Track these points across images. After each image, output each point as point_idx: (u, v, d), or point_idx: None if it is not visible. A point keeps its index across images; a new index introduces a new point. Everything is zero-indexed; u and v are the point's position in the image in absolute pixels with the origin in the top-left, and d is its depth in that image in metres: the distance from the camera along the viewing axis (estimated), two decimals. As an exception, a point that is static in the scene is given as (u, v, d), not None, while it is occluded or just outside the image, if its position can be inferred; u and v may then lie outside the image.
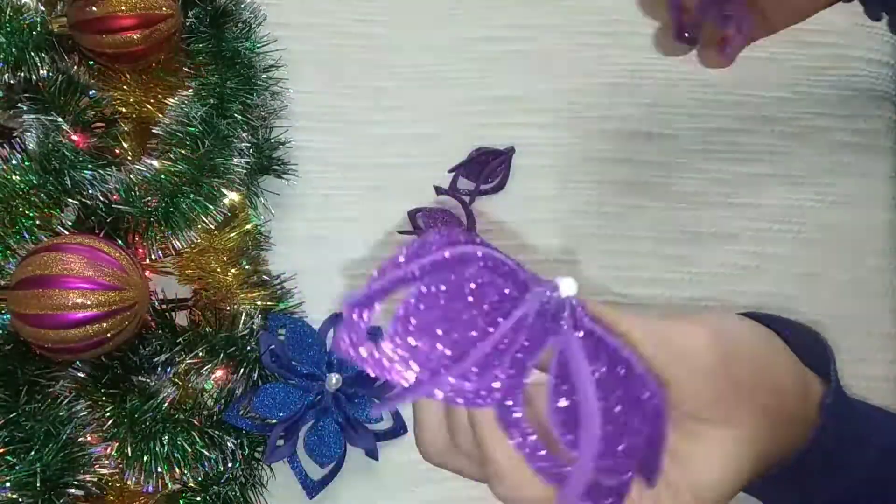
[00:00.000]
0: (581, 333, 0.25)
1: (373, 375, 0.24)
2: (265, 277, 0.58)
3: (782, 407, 0.33)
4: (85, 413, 0.51)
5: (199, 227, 0.56)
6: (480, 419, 0.28)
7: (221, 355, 0.54)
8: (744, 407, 0.30)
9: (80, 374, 0.52)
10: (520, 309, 0.24)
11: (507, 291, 0.25)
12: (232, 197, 0.57)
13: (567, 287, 0.25)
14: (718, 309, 0.38)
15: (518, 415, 0.26)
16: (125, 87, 0.61)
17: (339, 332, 0.23)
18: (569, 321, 0.25)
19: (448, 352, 0.24)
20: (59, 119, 0.56)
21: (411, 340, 0.23)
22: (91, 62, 0.61)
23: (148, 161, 0.56)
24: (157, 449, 0.51)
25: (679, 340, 0.30)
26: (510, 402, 0.25)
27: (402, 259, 0.24)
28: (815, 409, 0.35)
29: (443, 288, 0.24)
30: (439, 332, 0.24)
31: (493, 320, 0.25)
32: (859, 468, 0.37)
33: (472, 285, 0.24)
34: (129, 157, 0.59)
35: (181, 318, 0.56)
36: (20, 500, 0.48)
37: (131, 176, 0.55)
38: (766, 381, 0.32)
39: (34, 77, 0.58)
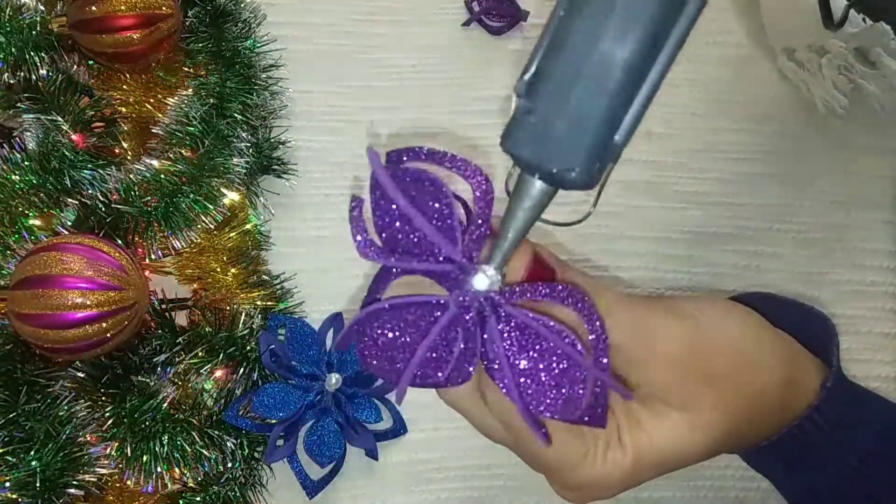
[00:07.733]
0: (502, 320, 0.30)
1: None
2: (265, 277, 0.58)
3: (758, 395, 0.35)
4: (85, 413, 0.51)
5: (199, 226, 0.56)
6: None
7: (221, 355, 0.53)
8: (707, 396, 0.33)
9: (80, 374, 0.52)
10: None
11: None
12: (232, 197, 0.57)
13: (479, 283, 0.29)
14: (712, 296, 0.40)
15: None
16: (125, 87, 0.62)
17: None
18: (489, 310, 0.30)
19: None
20: (59, 119, 0.56)
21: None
22: (91, 62, 0.61)
23: (148, 161, 0.56)
24: (156, 449, 0.51)
25: (655, 328, 0.32)
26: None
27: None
28: (811, 392, 0.37)
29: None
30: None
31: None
32: (858, 448, 0.38)
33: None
34: (128, 157, 0.59)
35: (181, 318, 0.56)
36: (20, 500, 0.48)
37: (131, 176, 0.55)
38: (740, 373, 0.34)
39: (34, 77, 0.58)
